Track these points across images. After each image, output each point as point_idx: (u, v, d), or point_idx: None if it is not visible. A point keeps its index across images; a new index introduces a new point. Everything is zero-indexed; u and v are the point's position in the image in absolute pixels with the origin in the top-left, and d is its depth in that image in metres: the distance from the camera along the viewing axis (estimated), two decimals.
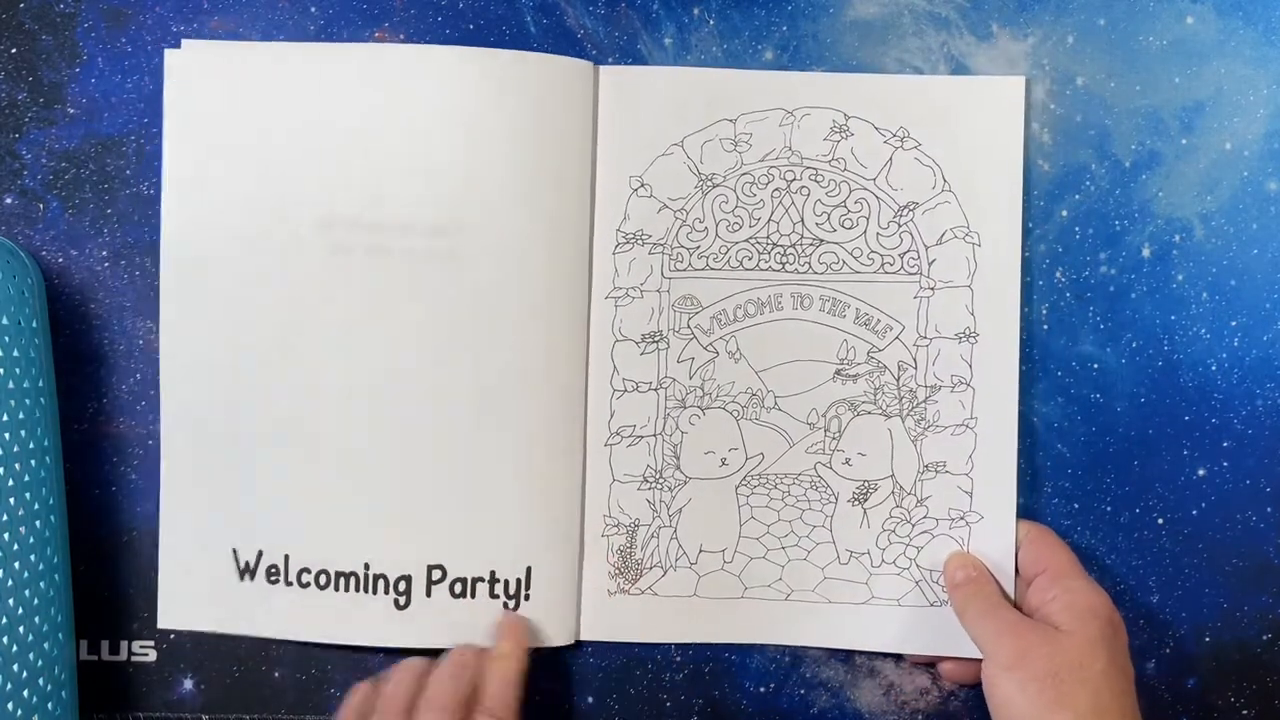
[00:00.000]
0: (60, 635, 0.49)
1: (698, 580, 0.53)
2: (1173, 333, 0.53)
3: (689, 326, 0.53)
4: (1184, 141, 0.53)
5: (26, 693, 0.47)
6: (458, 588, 0.52)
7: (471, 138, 0.51)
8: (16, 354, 0.47)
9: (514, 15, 0.53)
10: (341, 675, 0.54)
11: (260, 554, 0.52)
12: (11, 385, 0.47)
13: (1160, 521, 0.54)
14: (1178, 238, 0.53)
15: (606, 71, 0.53)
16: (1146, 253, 0.53)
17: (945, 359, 0.53)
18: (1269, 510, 0.54)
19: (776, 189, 0.53)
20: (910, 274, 0.53)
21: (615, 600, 0.53)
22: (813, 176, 0.53)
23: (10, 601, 0.46)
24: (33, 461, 0.48)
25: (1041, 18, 0.53)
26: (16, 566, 0.47)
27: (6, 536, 0.46)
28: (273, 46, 0.52)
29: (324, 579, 0.52)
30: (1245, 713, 0.54)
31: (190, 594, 0.53)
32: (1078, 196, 0.53)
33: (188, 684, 0.54)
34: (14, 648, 0.46)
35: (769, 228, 0.53)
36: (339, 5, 0.53)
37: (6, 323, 0.47)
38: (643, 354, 0.53)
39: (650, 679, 0.54)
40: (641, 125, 0.53)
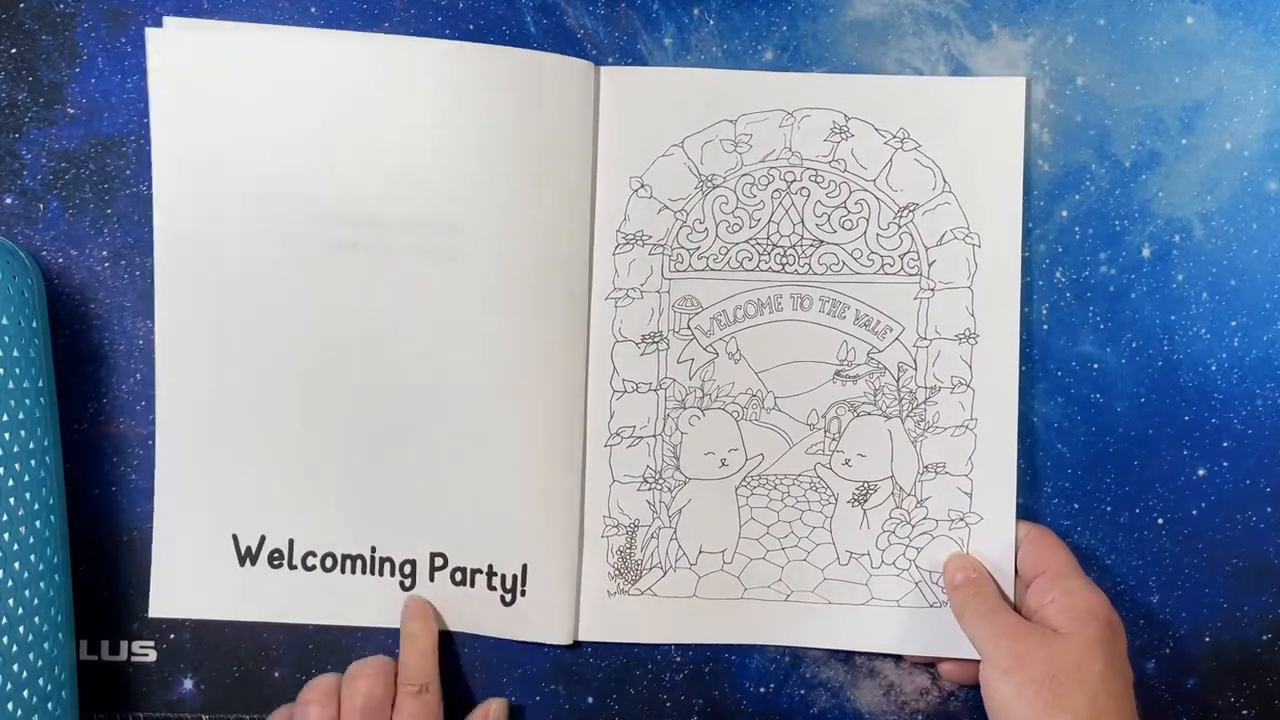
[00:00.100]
0: (60, 635, 0.49)
1: (697, 581, 0.53)
2: (1173, 333, 0.53)
3: (689, 327, 0.53)
4: (1184, 141, 0.53)
5: (26, 693, 0.47)
6: (458, 576, 0.53)
7: (471, 135, 0.51)
8: (16, 354, 0.47)
9: (514, 15, 0.53)
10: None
11: (263, 539, 0.53)
12: (11, 385, 0.47)
13: (1160, 521, 0.54)
14: (1178, 238, 0.53)
15: (607, 72, 0.53)
16: (1146, 253, 0.53)
17: (945, 360, 0.53)
18: (1269, 510, 0.54)
19: (776, 190, 0.53)
20: (910, 275, 0.53)
21: (615, 600, 0.53)
22: (813, 177, 0.53)
23: (10, 601, 0.46)
24: (33, 461, 0.48)
25: (1041, 18, 0.53)
26: (16, 566, 0.47)
27: (6, 536, 0.46)
28: (263, 29, 0.52)
29: (330, 561, 0.53)
30: (1245, 713, 0.54)
31: (184, 582, 0.53)
32: (1078, 196, 0.53)
33: (188, 684, 0.54)
34: (14, 648, 0.46)
35: (769, 229, 0.53)
36: (339, 5, 0.53)
37: (6, 323, 0.47)
38: (643, 355, 0.53)
39: (650, 679, 0.54)
40: (642, 126, 0.53)
